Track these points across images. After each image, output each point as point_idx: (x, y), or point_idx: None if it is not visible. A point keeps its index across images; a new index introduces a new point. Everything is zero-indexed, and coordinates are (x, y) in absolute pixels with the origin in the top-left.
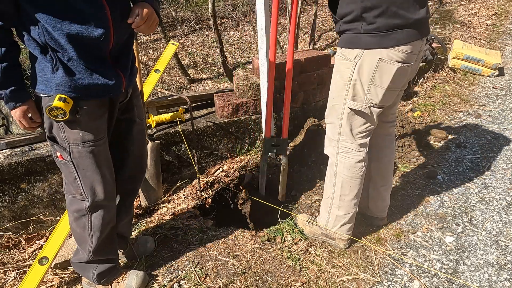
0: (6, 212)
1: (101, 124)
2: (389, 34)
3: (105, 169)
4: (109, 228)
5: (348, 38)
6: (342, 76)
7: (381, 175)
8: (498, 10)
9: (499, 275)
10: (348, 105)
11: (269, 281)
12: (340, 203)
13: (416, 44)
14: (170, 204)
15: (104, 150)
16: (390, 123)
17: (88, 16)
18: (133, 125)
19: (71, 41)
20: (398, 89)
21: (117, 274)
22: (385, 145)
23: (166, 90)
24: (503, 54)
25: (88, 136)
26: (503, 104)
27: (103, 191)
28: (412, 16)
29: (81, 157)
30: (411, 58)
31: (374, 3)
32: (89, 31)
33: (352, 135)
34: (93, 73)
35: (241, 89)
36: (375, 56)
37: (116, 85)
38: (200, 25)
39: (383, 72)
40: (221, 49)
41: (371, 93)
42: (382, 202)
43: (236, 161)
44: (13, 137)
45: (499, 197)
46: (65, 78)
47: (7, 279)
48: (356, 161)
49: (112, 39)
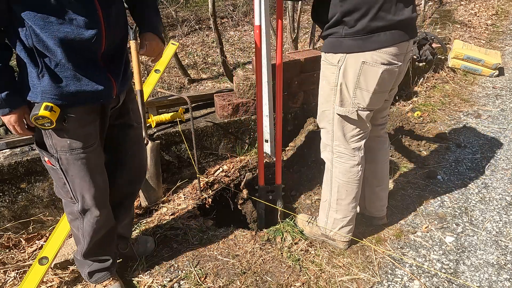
0: (6, 212)
1: (91, 131)
2: (371, 36)
3: (95, 175)
4: (103, 232)
5: (331, 43)
6: (328, 81)
7: (376, 176)
8: (498, 10)
9: (499, 275)
10: (337, 111)
11: (269, 281)
12: (338, 207)
13: (402, 45)
14: (170, 204)
15: (94, 156)
16: (381, 125)
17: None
18: (128, 129)
19: (60, 44)
20: (386, 91)
21: (108, 276)
22: (377, 147)
23: (166, 90)
24: (503, 54)
25: (76, 144)
26: (503, 104)
27: (92, 198)
28: (394, 18)
29: (69, 164)
30: (397, 60)
31: (354, 6)
32: (80, 32)
33: (345, 140)
34: (81, 79)
35: (241, 89)
36: (358, 59)
37: (106, 91)
38: (200, 25)
39: (368, 75)
40: (221, 49)
41: (357, 97)
42: (379, 202)
43: (236, 161)
44: (13, 137)
45: (499, 197)
46: (51, 85)
47: (7, 279)
48: (351, 166)
49: (104, 41)
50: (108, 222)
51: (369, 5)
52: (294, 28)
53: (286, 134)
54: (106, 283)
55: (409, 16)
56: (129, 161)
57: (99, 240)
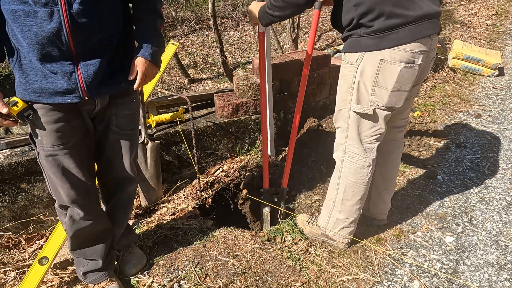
0: (6, 212)
1: (62, 130)
2: (388, 34)
3: (69, 174)
4: (86, 231)
5: (350, 42)
6: (346, 80)
7: (384, 178)
8: (498, 10)
9: (499, 275)
10: (353, 108)
11: (269, 281)
12: (342, 207)
13: (424, 41)
14: (170, 204)
15: (69, 155)
16: (399, 128)
17: (41, 9)
18: (109, 134)
19: (26, 37)
20: (407, 90)
21: (105, 277)
22: (390, 150)
23: (166, 90)
24: (503, 54)
25: (46, 141)
26: (503, 104)
27: (67, 196)
28: (411, 14)
29: (44, 160)
30: (418, 57)
31: (368, 8)
32: (43, 25)
33: (359, 140)
34: (49, 76)
35: (241, 89)
36: (376, 57)
37: (71, 92)
38: (200, 25)
39: (386, 73)
40: (221, 49)
41: (376, 94)
42: (383, 205)
43: (236, 161)
44: (13, 137)
45: (499, 197)
46: (21, 80)
47: (7, 279)
48: (361, 167)
49: (69, 37)
50: (92, 224)
51: (383, 4)
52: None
53: (286, 134)
54: (103, 284)
55: (430, 10)
56: (108, 166)
57: (84, 238)
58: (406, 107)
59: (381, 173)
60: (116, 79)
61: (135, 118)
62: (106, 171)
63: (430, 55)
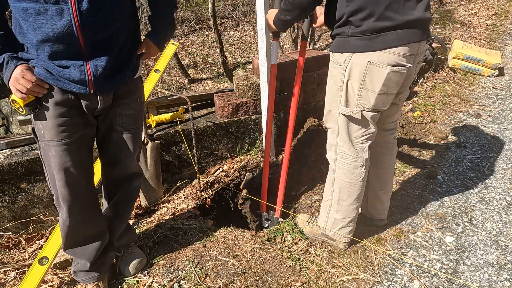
0: (6, 212)
1: (63, 125)
2: (377, 36)
3: (66, 173)
4: (75, 233)
5: (338, 42)
6: (335, 81)
7: (380, 180)
8: (498, 10)
9: (499, 275)
10: (341, 111)
11: (269, 281)
12: (338, 207)
13: (412, 46)
14: (170, 204)
15: (67, 153)
16: (390, 131)
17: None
18: (112, 133)
19: (37, 34)
20: (393, 93)
21: (93, 280)
22: (383, 152)
23: (166, 90)
24: (503, 54)
25: (47, 135)
26: (503, 104)
27: (64, 192)
28: (402, 18)
29: (45, 154)
30: (405, 61)
31: (359, 6)
32: (53, 23)
33: (350, 140)
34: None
35: (241, 89)
36: (364, 59)
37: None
38: (200, 25)
39: (373, 75)
40: (221, 49)
41: (362, 97)
42: (381, 205)
43: (236, 161)
44: (13, 137)
45: (499, 197)
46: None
47: (7, 279)
48: (354, 167)
49: (79, 33)
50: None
51: (375, 5)
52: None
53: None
54: (89, 287)
55: (420, 16)
56: (112, 165)
57: (74, 238)
58: (395, 111)
59: (376, 175)
60: (122, 75)
61: (139, 118)
62: (111, 168)
63: (417, 59)
